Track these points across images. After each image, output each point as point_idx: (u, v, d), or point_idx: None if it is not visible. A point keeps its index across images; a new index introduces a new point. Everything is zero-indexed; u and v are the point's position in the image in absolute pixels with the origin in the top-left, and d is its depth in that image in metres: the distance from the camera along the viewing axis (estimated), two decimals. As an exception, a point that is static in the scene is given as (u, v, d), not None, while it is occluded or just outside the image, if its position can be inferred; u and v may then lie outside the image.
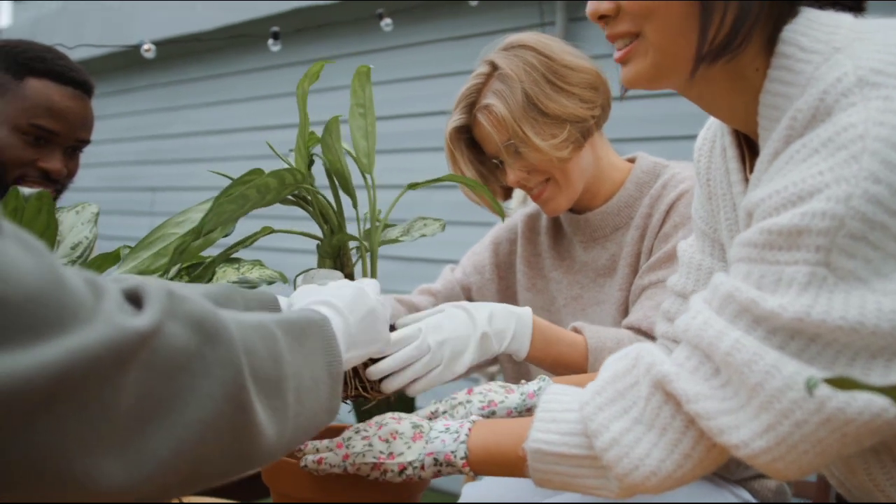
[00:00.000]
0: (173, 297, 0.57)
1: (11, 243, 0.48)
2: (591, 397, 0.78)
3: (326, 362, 0.76)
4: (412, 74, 3.43)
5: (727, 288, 0.73)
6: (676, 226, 1.28)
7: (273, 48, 2.44)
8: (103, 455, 0.51)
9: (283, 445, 0.68)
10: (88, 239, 0.91)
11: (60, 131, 1.48)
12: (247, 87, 4.34)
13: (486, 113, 1.30)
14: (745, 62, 0.83)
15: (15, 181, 1.47)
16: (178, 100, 4.82)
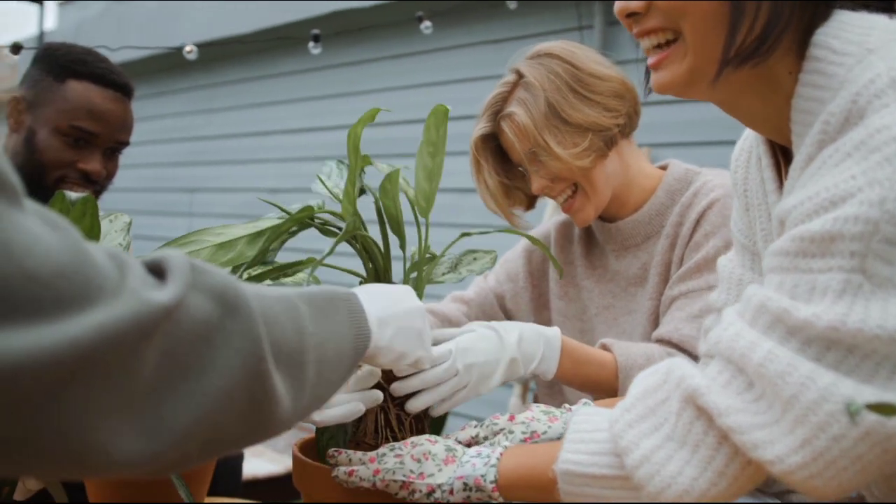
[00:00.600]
0: (195, 270, 0.58)
1: (35, 219, 0.49)
2: (621, 414, 0.76)
3: (353, 335, 0.76)
4: (450, 77, 3.43)
5: (759, 298, 0.71)
6: (707, 235, 1.26)
7: (314, 51, 2.45)
8: (125, 424, 0.52)
9: (297, 415, 0.69)
10: (122, 246, 0.93)
11: (100, 133, 1.50)
12: (286, 90, 4.37)
13: (509, 121, 1.30)
14: (776, 66, 0.81)
15: (55, 182, 1.50)
16: (218, 102, 4.87)
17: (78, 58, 1.53)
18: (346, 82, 3.98)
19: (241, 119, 4.70)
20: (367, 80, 3.87)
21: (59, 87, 1.50)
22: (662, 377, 0.76)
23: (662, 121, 2.65)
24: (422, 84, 3.60)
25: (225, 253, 0.89)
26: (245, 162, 4.68)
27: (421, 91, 3.60)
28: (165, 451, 0.54)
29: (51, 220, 0.50)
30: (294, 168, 4.33)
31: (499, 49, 3.16)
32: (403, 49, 3.66)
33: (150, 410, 0.53)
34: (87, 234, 0.83)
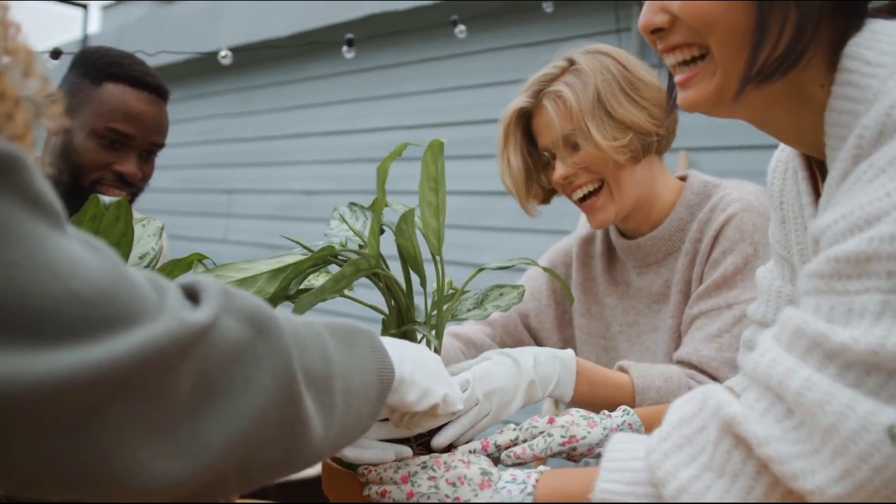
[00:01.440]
0: (227, 293, 0.60)
1: (77, 242, 0.50)
2: (657, 444, 0.74)
3: (377, 368, 0.76)
4: (484, 81, 3.42)
5: (796, 322, 0.69)
6: (725, 252, 1.24)
7: (347, 55, 2.46)
8: (162, 443, 0.52)
9: (329, 443, 0.69)
10: (154, 250, 0.94)
11: (136, 135, 1.52)
12: (321, 93, 4.40)
13: (555, 98, 1.28)
14: (806, 80, 0.79)
15: (91, 184, 1.52)
16: (254, 104, 4.92)
17: (114, 60, 1.55)
18: (381, 85, 4.00)
19: (277, 121, 4.74)
20: (401, 83, 3.88)
21: (96, 90, 1.52)
22: (699, 405, 0.74)
23: (699, 124, 2.62)
24: (456, 87, 3.60)
25: (246, 288, 0.90)
26: (281, 164, 4.72)
27: (455, 94, 3.60)
28: (201, 472, 0.55)
29: (91, 244, 0.52)
30: (329, 170, 4.36)
31: (534, 52, 3.15)
32: (438, 52, 3.66)
33: (186, 430, 0.54)
34: (121, 238, 0.85)
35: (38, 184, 0.48)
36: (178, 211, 5.45)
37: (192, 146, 5.43)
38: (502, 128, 1.35)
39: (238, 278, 0.90)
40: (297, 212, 4.53)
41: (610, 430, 0.99)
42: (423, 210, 1.01)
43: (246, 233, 4.87)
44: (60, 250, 0.48)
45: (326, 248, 0.95)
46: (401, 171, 3.99)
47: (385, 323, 1.02)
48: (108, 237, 0.84)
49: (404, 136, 3.86)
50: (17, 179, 0.47)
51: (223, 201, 5.17)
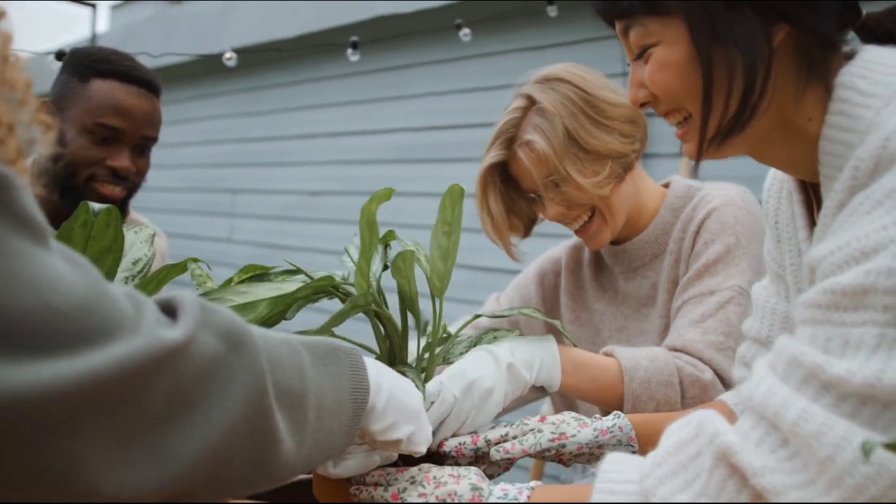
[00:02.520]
0: (205, 309, 0.62)
1: (59, 258, 0.52)
2: (652, 469, 0.74)
3: (352, 387, 0.77)
4: (489, 84, 3.43)
5: (791, 352, 0.69)
6: (706, 243, 1.25)
7: (352, 58, 2.47)
8: (135, 453, 0.54)
9: (301, 459, 0.70)
10: (147, 256, 0.95)
11: (126, 129, 1.52)
12: (326, 94, 4.41)
13: (528, 149, 1.27)
14: (794, 114, 0.81)
15: (86, 181, 1.52)
16: (260, 105, 4.93)
17: (102, 57, 1.55)
18: (386, 87, 4.01)
19: (283, 122, 4.75)
20: (407, 85, 3.89)
21: (84, 87, 1.52)
22: (694, 430, 0.74)
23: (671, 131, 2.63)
24: (461, 90, 3.61)
25: (245, 314, 0.91)
26: (286, 164, 4.73)
27: (460, 97, 3.60)
28: (171, 483, 0.56)
29: (73, 259, 0.53)
30: (334, 171, 4.37)
31: (539, 56, 3.16)
32: (444, 55, 3.67)
33: (159, 441, 0.56)
34: (112, 244, 0.86)
35: (26, 203, 0.50)
36: (182, 210, 5.47)
37: (198, 146, 5.45)
38: (479, 182, 1.34)
39: (238, 303, 0.91)
40: (302, 212, 4.54)
41: (600, 432, 0.99)
42: (433, 252, 1.02)
43: (250, 233, 4.89)
44: (42, 266, 0.50)
45: (325, 279, 0.96)
46: (410, 172, 3.99)
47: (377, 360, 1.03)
48: (98, 243, 0.85)
49: (410, 138, 3.87)
50: (5, 199, 0.49)
51: (228, 201, 5.18)
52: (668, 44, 0.82)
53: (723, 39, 0.79)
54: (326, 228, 4.31)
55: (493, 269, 3.24)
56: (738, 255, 1.24)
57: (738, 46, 0.78)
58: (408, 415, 0.85)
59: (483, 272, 3.29)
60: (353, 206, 4.16)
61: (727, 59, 0.79)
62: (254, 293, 0.93)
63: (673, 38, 0.82)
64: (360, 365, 0.79)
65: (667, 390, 1.14)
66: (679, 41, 0.81)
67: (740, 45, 0.78)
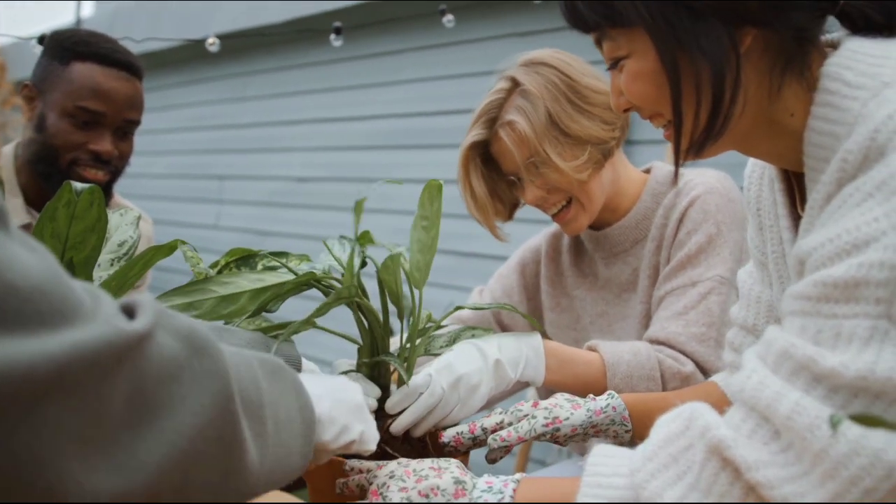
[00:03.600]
0: (163, 312, 0.60)
1: (17, 244, 0.51)
2: (643, 463, 0.74)
3: (299, 405, 0.76)
4: (474, 70, 3.43)
5: (782, 344, 0.69)
6: (689, 232, 1.27)
7: (335, 43, 2.47)
8: (98, 457, 0.52)
9: (264, 473, 0.68)
10: (133, 238, 0.95)
11: (107, 112, 1.51)
12: (313, 80, 4.41)
13: (509, 129, 1.28)
14: (774, 111, 0.81)
15: (68, 165, 1.52)
16: (246, 91, 4.92)
17: (81, 40, 1.54)
18: (371, 73, 4.01)
19: (270, 108, 4.74)
20: (391, 71, 3.89)
21: (64, 70, 1.51)
22: (684, 423, 0.74)
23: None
24: (449, 76, 3.61)
25: (227, 305, 0.91)
26: (273, 150, 4.73)
27: (444, 83, 3.61)
28: (136, 490, 0.54)
29: (31, 245, 0.52)
30: (321, 157, 4.37)
31: (523, 42, 3.17)
32: (430, 41, 3.67)
33: (123, 446, 0.54)
34: (95, 223, 0.86)
35: None
36: (169, 197, 5.45)
37: (184, 132, 5.43)
38: (460, 161, 1.36)
39: (221, 294, 0.91)
40: (288, 198, 4.54)
41: (594, 412, 1.01)
42: (413, 245, 1.03)
43: (237, 219, 4.88)
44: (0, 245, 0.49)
45: (308, 274, 0.97)
46: (396, 158, 3.99)
47: (360, 352, 1.04)
48: (82, 222, 0.85)
49: (397, 124, 3.88)
50: None
51: (215, 187, 5.17)
52: (638, 55, 0.82)
53: (688, 50, 0.78)
54: (313, 214, 4.31)
55: (476, 254, 3.26)
56: (720, 244, 1.25)
57: (705, 56, 0.77)
58: (355, 414, 0.85)
59: (466, 258, 3.30)
60: (340, 192, 4.17)
61: (694, 68, 0.78)
62: (236, 284, 0.93)
63: (642, 50, 0.81)
64: (301, 384, 0.79)
65: (648, 384, 1.16)
66: (648, 53, 0.81)
67: (706, 54, 0.77)
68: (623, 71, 0.85)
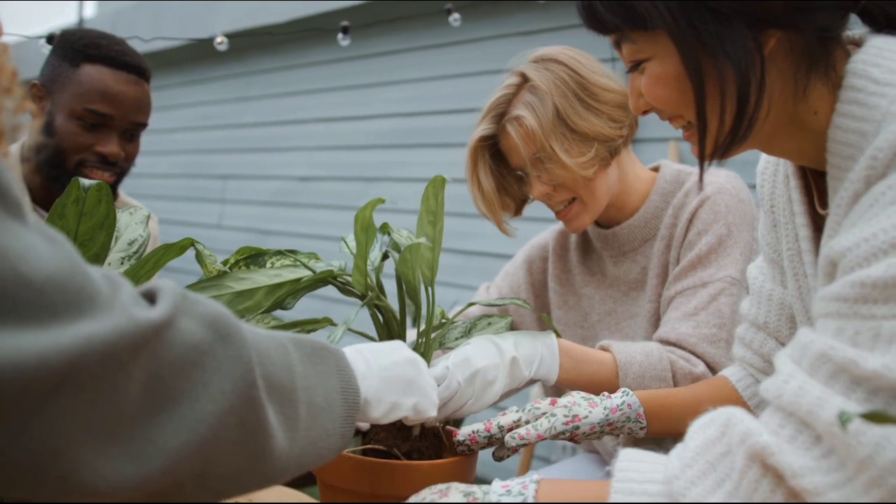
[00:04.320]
0: (187, 297, 0.60)
1: (34, 233, 0.51)
2: (681, 471, 0.71)
3: (341, 388, 0.75)
4: (479, 69, 3.43)
5: (820, 347, 0.67)
6: (700, 233, 1.27)
7: (342, 42, 2.47)
8: (114, 445, 0.52)
9: (294, 458, 0.67)
10: (143, 237, 0.95)
11: (115, 115, 1.52)
12: (317, 79, 4.41)
13: (517, 124, 1.29)
14: (798, 111, 0.81)
15: (75, 167, 1.52)
16: (250, 90, 4.92)
17: (92, 42, 1.54)
18: (376, 73, 4.00)
19: (274, 108, 4.74)
20: (398, 70, 3.89)
21: (74, 72, 1.52)
22: (720, 429, 0.72)
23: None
24: (453, 75, 3.61)
25: (243, 301, 0.91)
26: (277, 150, 4.73)
27: (450, 82, 3.61)
28: (155, 477, 0.54)
29: (49, 235, 0.52)
30: (324, 156, 4.37)
31: (528, 41, 3.16)
32: (435, 40, 3.67)
33: (140, 433, 0.53)
34: (104, 220, 0.85)
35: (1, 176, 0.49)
36: (172, 196, 5.45)
37: (188, 131, 5.43)
38: (469, 155, 1.36)
39: (237, 290, 0.91)
40: (292, 198, 4.54)
41: (610, 410, 1.01)
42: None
43: (240, 218, 4.88)
44: (14, 236, 0.48)
45: (325, 272, 0.96)
46: (400, 157, 3.98)
47: None
48: (91, 219, 0.85)
49: (400, 124, 3.87)
50: None
51: (218, 187, 5.17)
52: (659, 58, 0.81)
53: (712, 53, 0.76)
54: (317, 214, 4.31)
55: (481, 252, 3.25)
56: (730, 245, 1.25)
57: (729, 59, 0.76)
58: (406, 389, 0.84)
59: (471, 256, 3.30)
60: (343, 191, 4.17)
61: (718, 72, 0.77)
62: (251, 280, 0.93)
63: (664, 53, 0.80)
64: (346, 364, 0.78)
65: (660, 385, 1.16)
66: (670, 56, 0.80)
67: (731, 57, 0.76)
68: (644, 73, 0.83)
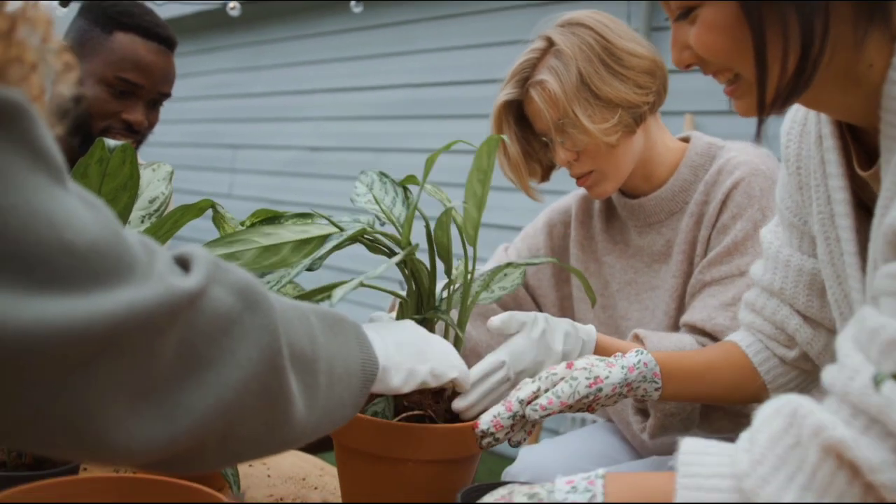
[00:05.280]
0: (218, 265, 0.61)
1: (75, 198, 0.51)
2: (752, 467, 0.68)
3: (362, 358, 0.77)
4: (492, 40, 3.41)
5: (891, 334, 0.64)
6: (734, 217, 1.25)
7: (355, 9, 2.46)
8: (146, 406, 0.53)
9: (311, 425, 0.69)
10: (164, 195, 0.95)
11: (144, 84, 1.54)
12: (328, 49, 4.39)
13: (540, 89, 1.27)
14: (853, 63, 0.77)
15: (100, 132, 1.54)
16: (262, 59, 4.90)
17: (125, 10, 1.56)
18: (387, 43, 3.98)
19: (285, 77, 4.73)
20: (409, 41, 3.87)
21: (107, 39, 1.53)
22: (787, 420, 0.69)
23: (704, 88, 2.63)
24: (465, 46, 3.59)
25: (269, 256, 0.90)
26: (287, 119, 4.72)
27: (463, 53, 3.59)
28: (181, 438, 0.56)
29: (89, 200, 0.52)
30: (335, 126, 4.36)
31: (543, 11, 3.12)
32: (447, 10, 3.65)
33: (170, 396, 0.55)
34: (127, 180, 0.86)
35: (43, 137, 0.49)
36: (182, 165, 5.45)
37: (199, 100, 5.42)
38: (493, 120, 1.35)
39: (263, 244, 0.91)
40: (302, 168, 4.54)
41: (628, 369, 1.00)
42: (468, 200, 1.01)
43: (251, 188, 4.89)
44: (57, 202, 0.48)
45: (360, 230, 0.95)
46: (410, 128, 3.96)
47: (402, 307, 1.03)
48: (114, 180, 0.85)
49: (411, 95, 3.86)
50: (22, 129, 0.47)
51: (228, 156, 5.18)
52: (714, 4, 0.77)
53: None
54: (327, 184, 4.31)
55: (500, 226, 3.25)
56: None
57: (793, 2, 0.72)
58: (418, 356, 0.86)
59: (489, 229, 3.30)
60: (353, 161, 4.17)
61: (780, 16, 0.73)
62: (278, 235, 0.92)
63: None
64: (364, 336, 0.79)
65: None
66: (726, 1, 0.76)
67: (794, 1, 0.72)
68: (696, 22, 0.79)
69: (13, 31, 0.49)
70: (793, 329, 1.04)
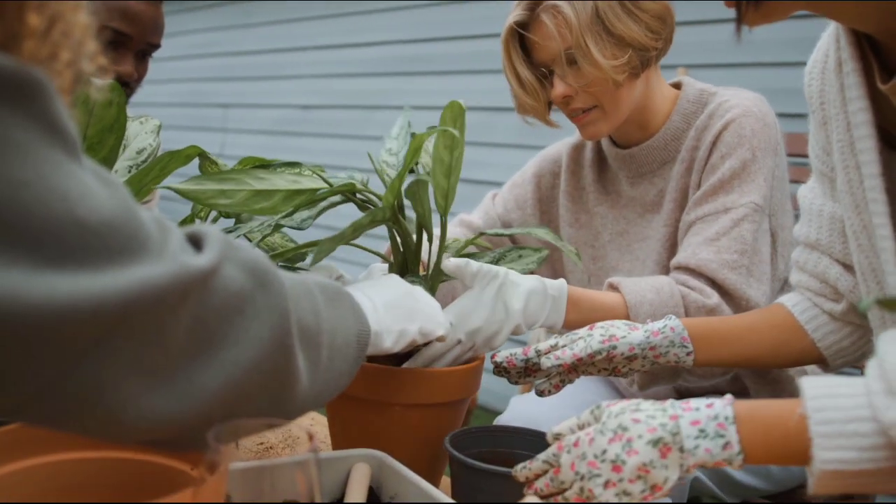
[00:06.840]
0: (230, 244, 0.61)
1: (90, 174, 0.51)
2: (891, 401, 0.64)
3: (357, 330, 0.78)
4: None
5: None
6: (723, 156, 1.24)
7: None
8: (155, 384, 0.54)
9: (311, 398, 0.70)
10: (152, 146, 0.94)
11: (133, 34, 1.52)
12: (317, 5, 4.33)
13: (553, 13, 1.24)
14: None
15: None
16: (252, 17, 4.84)
17: None
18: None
19: (276, 35, 4.67)
20: None
21: None
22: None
23: (697, 41, 2.61)
24: (455, 0, 3.55)
25: (260, 200, 0.90)
26: (278, 78, 4.68)
27: (456, 7, 3.55)
28: (190, 414, 0.57)
29: (104, 177, 0.52)
30: (326, 84, 4.32)
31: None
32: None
33: (182, 373, 0.56)
34: (113, 122, 0.84)
35: (59, 112, 0.49)
36: (173, 125, 5.41)
37: (189, 59, 5.36)
38: (503, 46, 1.31)
39: (256, 188, 0.90)
40: (293, 126, 4.50)
41: (651, 333, 1.00)
42: (435, 168, 0.99)
43: (242, 147, 4.85)
44: (72, 177, 0.48)
45: (347, 185, 0.95)
46: (403, 85, 3.92)
47: (390, 269, 1.05)
48: (100, 122, 0.84)
49: (402, 51, 3.82)
50: (39, 104, 0.47)
51: (219, 115, 5.13)
52: None
53: None
54: (318, 142, 4.28)
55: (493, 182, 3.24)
56: (754, 171, 1.23)
57: None
58: (409, 316, 0.87)
59: (483, 186, 3.29)
60: (345, 119, 4.14)
61: None
62: (271, 182, 0.91)
63: None
64: (359, 306, 0.80)
65: None
66: None
67: None
68: None
69: (50, 31, 0.50)
70: (834, 278, 1.02)
